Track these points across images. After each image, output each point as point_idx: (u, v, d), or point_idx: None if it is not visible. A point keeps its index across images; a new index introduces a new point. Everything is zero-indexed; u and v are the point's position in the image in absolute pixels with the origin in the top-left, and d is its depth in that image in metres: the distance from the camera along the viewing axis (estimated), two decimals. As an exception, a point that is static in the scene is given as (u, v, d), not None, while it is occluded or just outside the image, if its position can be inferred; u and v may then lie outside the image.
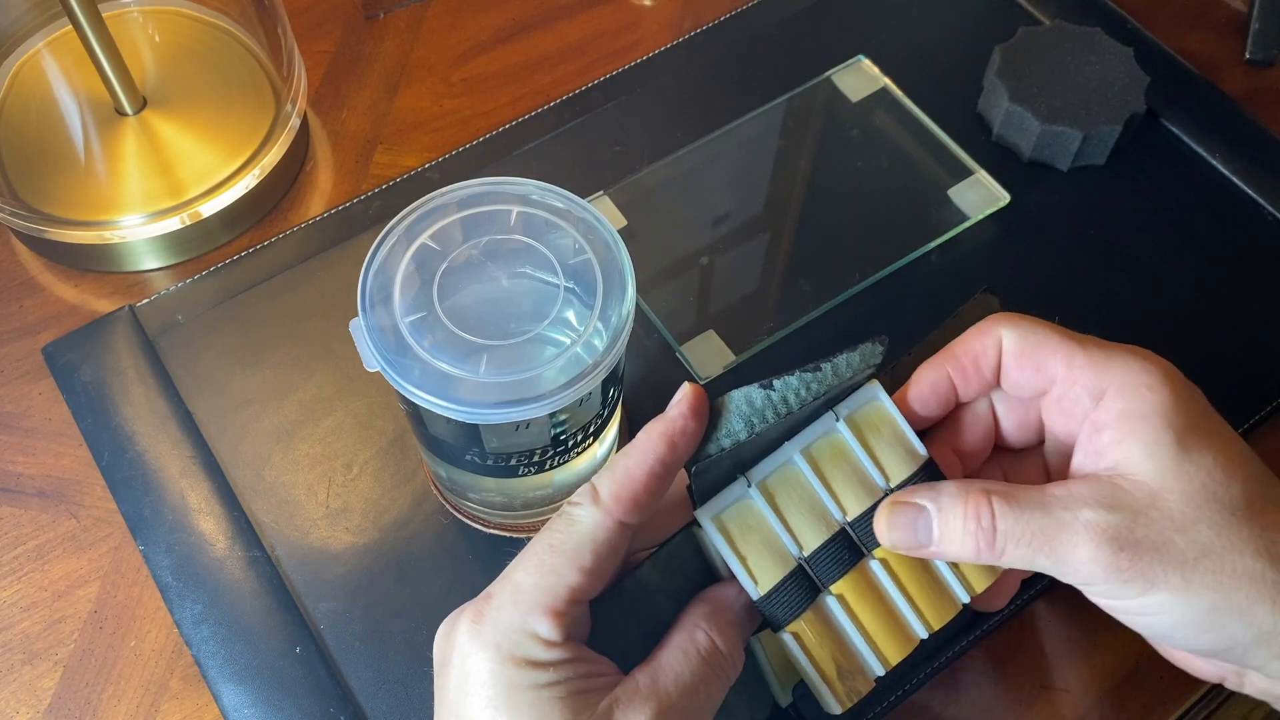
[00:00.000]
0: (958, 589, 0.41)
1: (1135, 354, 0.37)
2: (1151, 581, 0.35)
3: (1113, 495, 0.35)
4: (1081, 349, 0.38)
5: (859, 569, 0.40)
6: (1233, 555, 0.35)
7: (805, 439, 0.41)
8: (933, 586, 0.41)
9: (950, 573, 0.40)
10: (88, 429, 0.50)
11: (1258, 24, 0.63)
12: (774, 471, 0.41)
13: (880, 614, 0.40)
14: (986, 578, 0.40)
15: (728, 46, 0.62)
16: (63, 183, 0.55)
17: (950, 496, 0.37)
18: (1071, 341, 0.38)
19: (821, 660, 0.39)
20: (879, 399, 0.42)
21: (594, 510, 0.36)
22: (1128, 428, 0.36)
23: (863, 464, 0.41)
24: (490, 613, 0.35)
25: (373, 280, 0.40)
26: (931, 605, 0.40)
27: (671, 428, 0.38)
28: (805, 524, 0.40)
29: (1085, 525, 0.35)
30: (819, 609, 0.40)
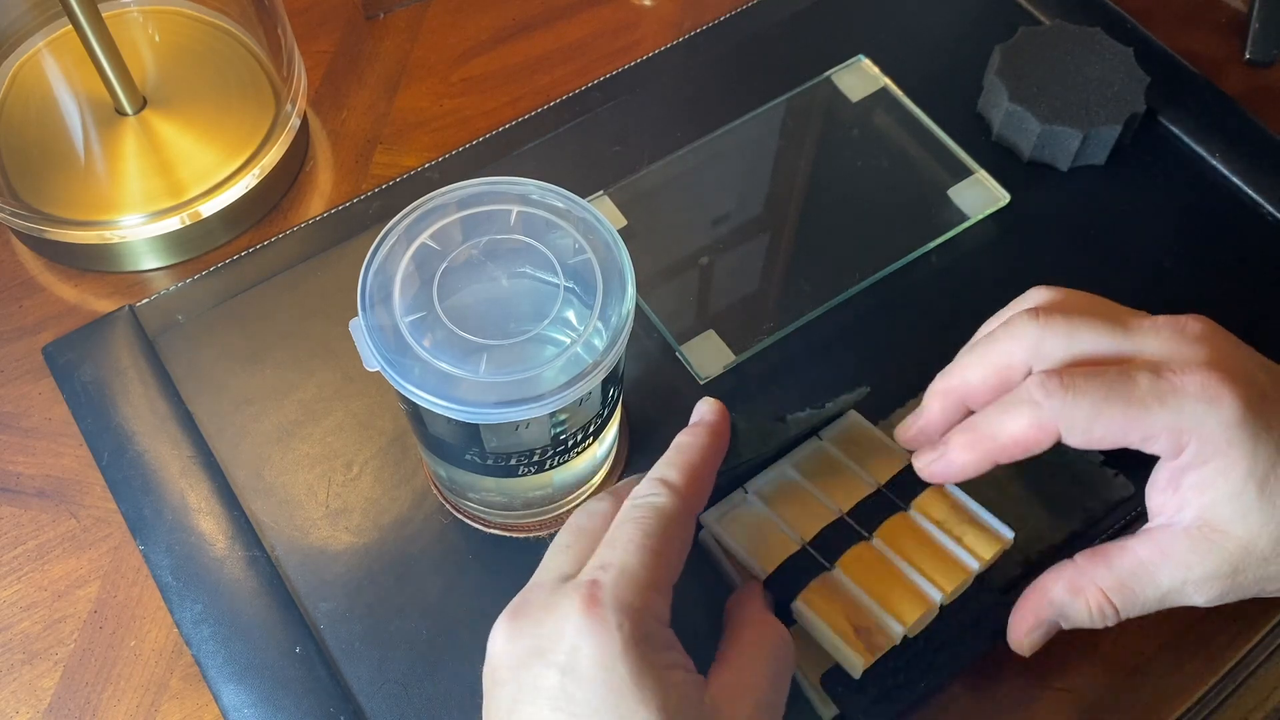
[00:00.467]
0: (966, 558, 0.43)
1: (1207, 386, 0.37)
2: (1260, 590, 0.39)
3: (1211, 553, 0.37)
4: (1145, 409, 0.37)
5: (861, 546, 0.44)
6: None
7: (795, 456, 0.46)
8: (938, 556, 0.43)
9: (955, 545, 0.42)
10: (88, 429, 0.50)
11: (1258, 24, 0.63)
12: (770, 482, 0.45)
13: (888, 581, 0.42)
14: (992, 545, 0.42)
15: (728, 46, 0.62)
16: (63, 183, 0.55)
17: (1068, 602, 0.41)
18: (1134, 404, 0.37)
19: (834, 620, 0.41)
20: (859, 421, 0.47)
21: (674, 498, 0.37)
22: (1211, 480, 0.37)
23: (851, 468, 0.46)
24: (609, 598, 0.34)
25: (373, 280, 0.40)
26: (940, 571, 0.43)
27: (718, 426, 0.40)
28: (804, 518, 0.44)
29: (1196, 590, 0.38)
30: (826, 580, 0.43)
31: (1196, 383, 0.36)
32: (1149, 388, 0.37)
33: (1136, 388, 0.37)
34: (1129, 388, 0.37)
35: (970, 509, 0.44)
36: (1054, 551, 0.47)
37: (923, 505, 0.45)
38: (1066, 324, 0.39)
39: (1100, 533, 0.48)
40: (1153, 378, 0.37)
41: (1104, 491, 0.48)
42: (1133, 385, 0.37)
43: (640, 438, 0.50)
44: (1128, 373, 0.37)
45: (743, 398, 0.51)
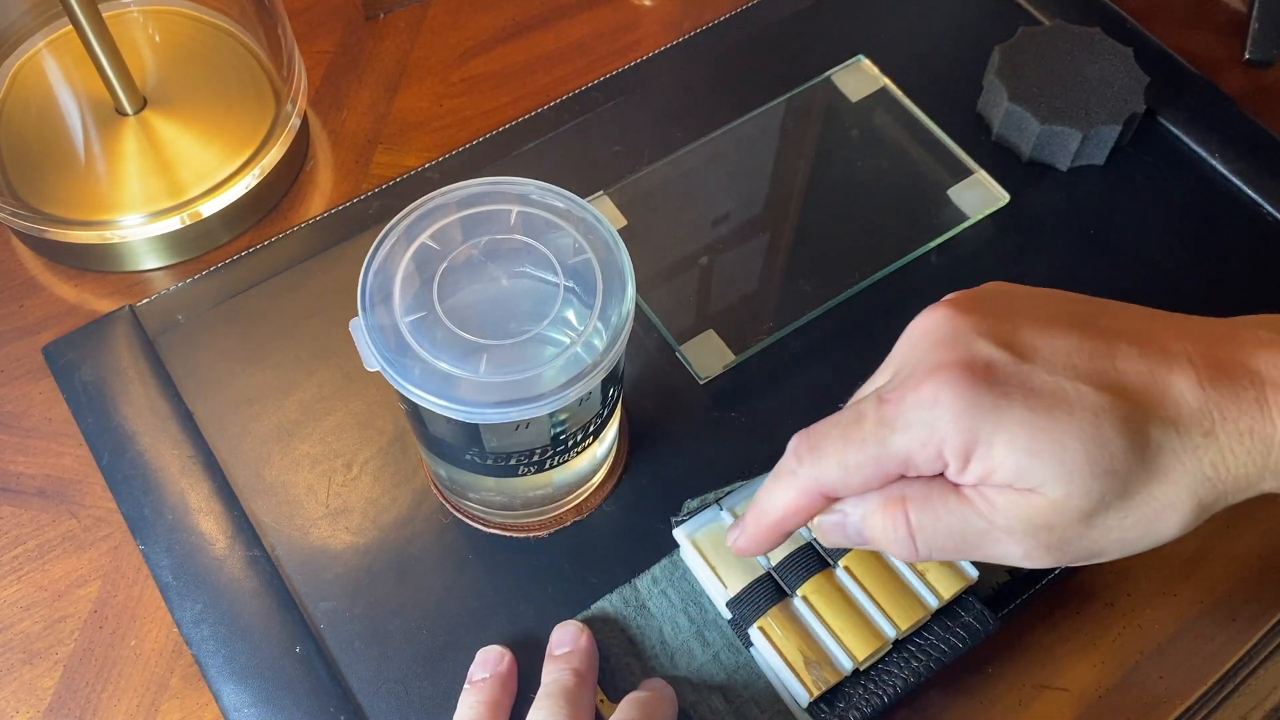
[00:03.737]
0: (926, 595, 0.44)
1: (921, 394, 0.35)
2: (1094, 554, 0.36)
3: (1018, 504, 0.35)
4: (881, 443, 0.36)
5: (824, 575, 0.44)
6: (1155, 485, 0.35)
7: None
8: (899, 591, 0.44)
9: (918, 580, 0.43)
10: (88, 429, 0.50)
11: (1257, 24, 0.63)
12: (745, 500, 0.46)
13: (846, 614, 0.43)
14: (955, 584, 0.43)
15: (728, 46, 0.62)
16: (63, 183, 0.55)
17: (872, 505, 0.37)
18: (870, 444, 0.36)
19: (787, 651, 0.43)
20: None
21: None
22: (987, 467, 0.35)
23: None
24: None
25: (373, 280, 0.40)
26: (898, 607, 0.43)
27: None
28: None
29: (1007, 538, 0.36)
30: (786, 608, 0.44)
31: (913, 396, 0.35)
32: (874, 418, 0.36)
33: (864, 426, 0.36)
34: (859, 429, 0.36)
35: None
36: None
37: None
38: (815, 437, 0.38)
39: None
40: (876, 407, 0.36)
41: None
42: (862, 424, 0.36)
43: (640, 438, 0.50)
44: (858, 411, 0.37)
45: (743, 398, 0.51)
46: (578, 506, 0.48)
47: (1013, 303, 0.37)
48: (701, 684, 0.44)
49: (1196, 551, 0.48)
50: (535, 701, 0.41)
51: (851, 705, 0.42)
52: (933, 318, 0.37)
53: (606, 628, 0.45)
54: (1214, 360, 0.35)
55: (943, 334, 0.36)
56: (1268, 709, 0.46)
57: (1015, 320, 0.36)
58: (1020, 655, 0.46)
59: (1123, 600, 0.47)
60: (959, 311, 0.36)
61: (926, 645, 0.44)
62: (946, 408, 0.34)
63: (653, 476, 0.49)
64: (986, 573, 0.46)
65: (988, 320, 0.36)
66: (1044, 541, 0.36)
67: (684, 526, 0.46)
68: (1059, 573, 0.47)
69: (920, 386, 0.35)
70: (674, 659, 0.45)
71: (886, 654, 0.43)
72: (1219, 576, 0.48)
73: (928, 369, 0.35)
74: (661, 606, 0.46)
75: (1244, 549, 0.48)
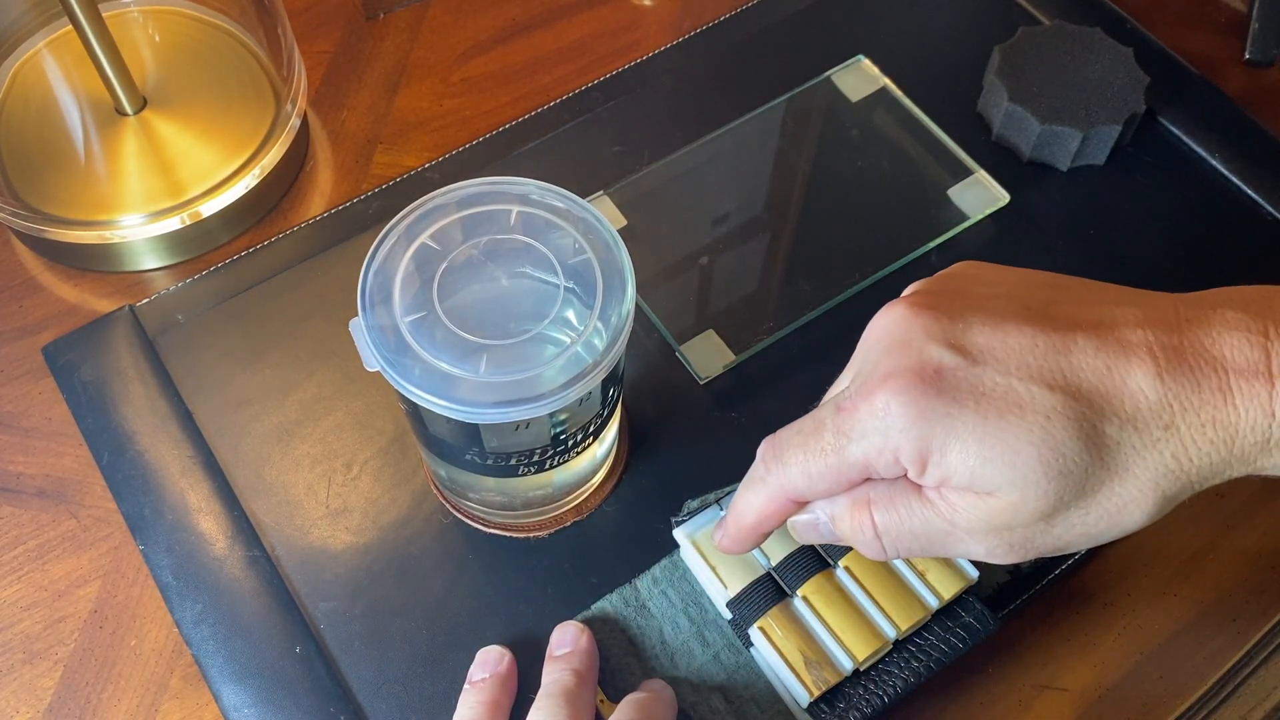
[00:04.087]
0: (926, 595, 0.44)
1: (874, 404, 0.35)
2: (1058, 549, 0.36)
3: (977, 506, 0.35)
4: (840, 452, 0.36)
5: (824, 575, 0.44)
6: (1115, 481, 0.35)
7: None
8: (899, 591, 0.44)
9: (918, 580, 0.43)
10: (88, 429, 0.50)
11: (1258, 24, 0.63)
12: None
13: (846, 614, 0.43)
14: (955, 584, 0.43)
15: (728, 46, 0.62)
16: (63, 183, 0.55)
17: (840, 508, 0.38)
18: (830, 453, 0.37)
19: (788, 651, 0.43)
20: None
21: None
22: (944, 471, 0.35)
23: None
24: None
25: (373, 280, 0.40)
26: (898, 608, 0.43)
27: None
28: (773, 540, 0.45)
29: (969, 537, 0.36)
30: (786, 609, 0.44)
31: (865, 405, 0.35)
32: (832, 428, 0.36)
33: (823, 435, 0.36)
34: (819, 439, 0.37)
35: None
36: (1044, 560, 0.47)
37: None
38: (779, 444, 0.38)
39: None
40: (833, 416, 0.36)
41: None
42: (821, 433, 0.37)
43: (640, 438, 0.50)
44: (818, 420, 0.37)
45: (743, 398, 0.51)
46: (578, 506, 0.48)
47: (969, 296, 0.37)
48: (701, 684, 0.44)
49: (1196, 551, 0.48)
50: (535, 702, 0.41)
51: (852, 705, 0.42)
52: (888, 318, 0.37)
53: (607, 628, 0.45)
54: (1175, 348, 0.34)
55: (896, 337, 0.36)
56: (1268, 709, 0.46)
57: (969, 318, 0.36)
58: (1020, 655, 0.46)
59: (1123, 600, 0.47)
60: (914, 311, 0.36)
61: (926, 645, 0.44)
62: (898, 417, 0.34)
63: (653, 476, 0.49)
64: (986, 573, 0.46)
65: (941, 320, 0.36)
66: (1006, 541, 0.36)
67: (684, 526, 0.46)
68: (1059, 573, 0.47)
69: (873, 395, 0.35)
70: (674, 659, 0.45)
71: (887, 654, 0.43)
72: (1219, 576, 0.48)
73: (880, 376, 0.35)
74: (662, 607, 0.46)
75: (1244, 549, 0.48)
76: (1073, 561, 0.47)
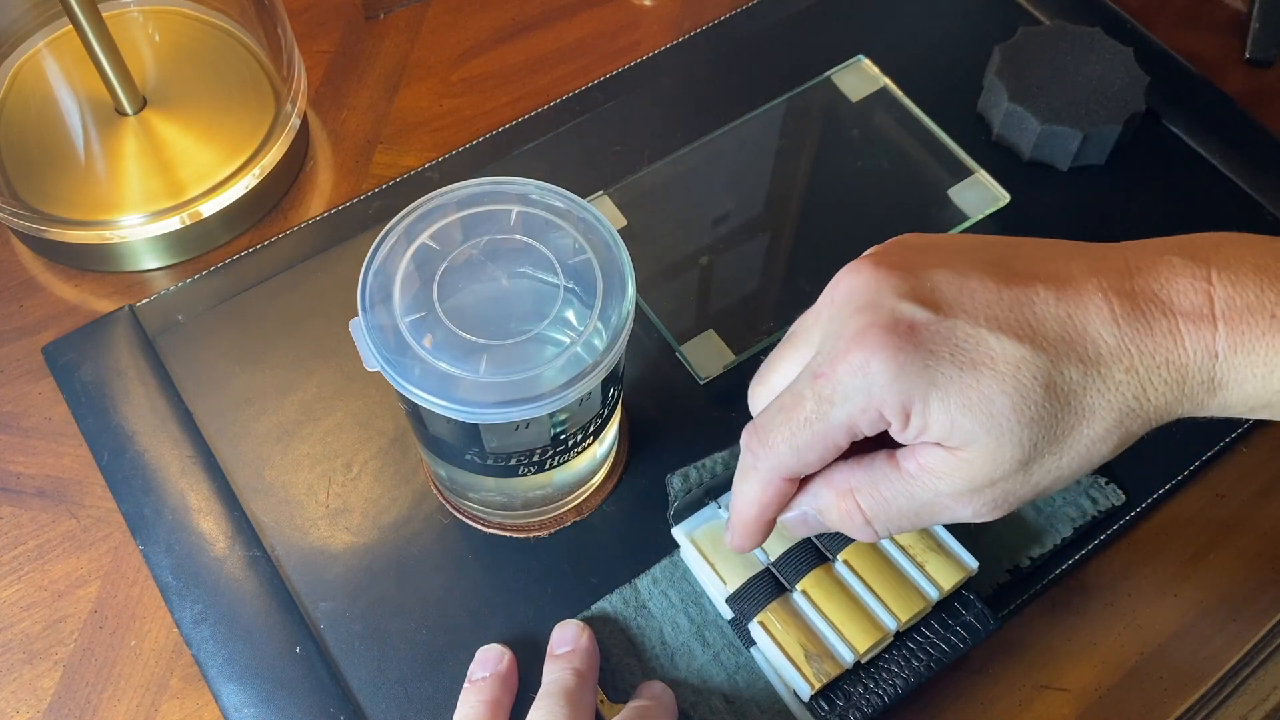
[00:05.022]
0: (926, 586, 0.44)
1: (852, 364, 0.35)
2: (1038, 494, 0.37)
3: (959, 468, 0.36)
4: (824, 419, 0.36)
5: (824, 568, 0.44)
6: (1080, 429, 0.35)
7: None
8: (899, 583, 0.44)
9: (917, 571, 0.43)
10: (88, 429, 0.50)
11: (1258, 24, 0.63)
12: None
13: (846, 606, 0.43)
14: (954, 575, 0.43)
15: (728, 46, 0.62)
16: (63, 183, 0.55)
17: (826, 499, 0.39)
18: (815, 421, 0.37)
19: (788, 645, 0.43)
20: None
21: None
22: (926, 423, 0.36)
23: None
24: None
25: (373, 280, 0.40)
26: (897, 599, 0.43)
27: None
28: (771, 536, 0.43)
29: (956, 503, 0.37)
30: (786, 603, 0.44)
31: (844, 366, 0.36)
32: (812, 397, 0.36)
33: (804, 406, 0.37)
34: (800, 410, 0.37)
35: (938, 535, 0.45)
36: (1044, 560, 0.47)
37: None
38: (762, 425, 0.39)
39: (1089, 542, 0.48)
40: (811, 384, 0.36)
41: (1096, 499, 0.48)
42: (801, 404, 0.37)
43: (640, 438, 0.50)
44: (796, 392, 0.37)
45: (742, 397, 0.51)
46: (578, 506, 0.48)
47: (929, 254, 0.37)
48: (702, 684, 0.44)
49: (1196, 551, 0.48)
50: (536, 701, 0.41)
51: (852, 705, 0.42)
52: (854, 279, 0.37)
53: (607, 628, 0.45)
54: (1128, 293, 0.35)
55: (865, 296, 0.36)
56: (1268, 709, 0.46)
57: (933, 273, 0.36)
58: (1020, 655, 0.46)
59: (1123, 600, 0.47)
60: (879, 270, 0.36)
61: (927, 644, 0.44)
62: (878, 374, 0.35)
63: (653, 477, 0.49)
64: (986, 568, 0.46)
65: (907, 278, 0.36)
66: (989, 498, 0.36)
67: (683, 525, 0.46)
68: (1059, 573, 0.47)
69: (850, 354, 0.35)
70: (674, 659, 0.45)
71: (887, 651, 0.43)
72: (1219, 576, 0.48)
73: (853, 334, 0.35)
74: (662, 607, 0.46)
75: (1244, 549, 0.48)
76: (1073, 561, 0.47)
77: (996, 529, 0.47)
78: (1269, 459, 0.50)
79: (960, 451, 0.35)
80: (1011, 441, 0.35)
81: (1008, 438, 0.35)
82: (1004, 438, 0.35)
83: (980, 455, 0.35)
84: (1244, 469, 0.50)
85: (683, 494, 0.46)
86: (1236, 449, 0.51)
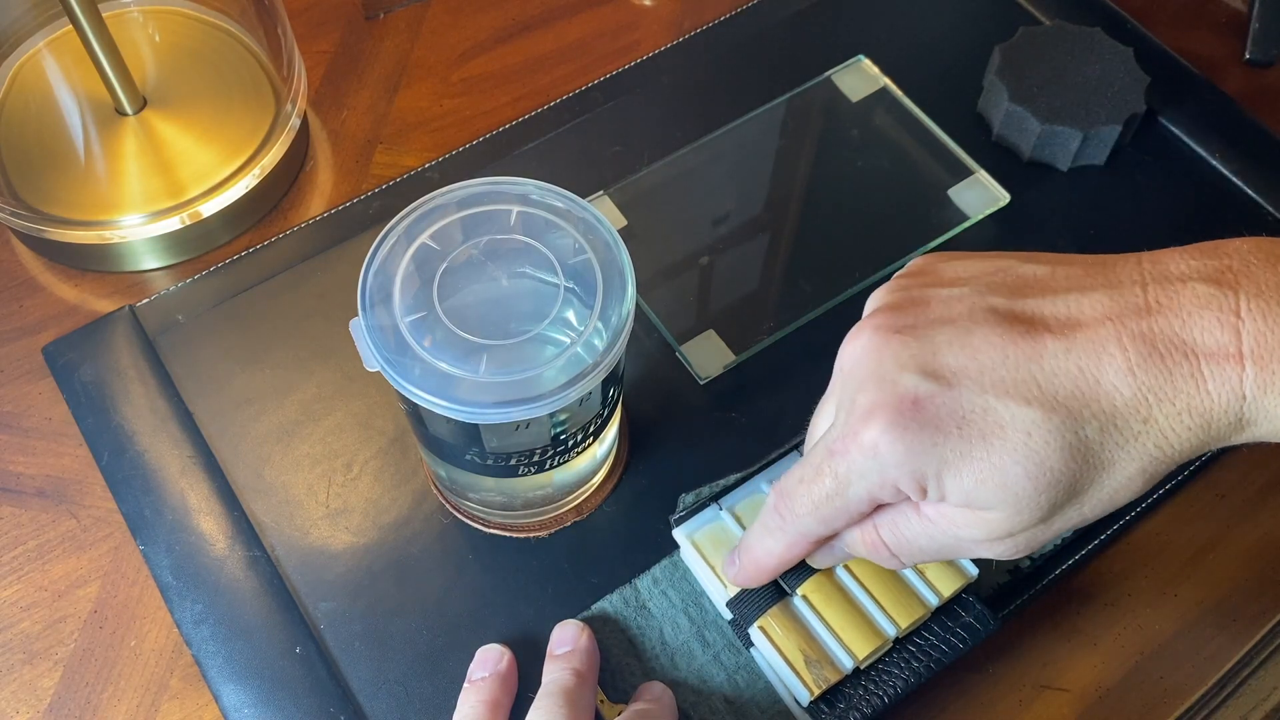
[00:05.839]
0: (926, 593, 0.44)
1: (863, 444, 0.36)
2: (1061, 535, 0.38)
3: (980, 525, 0.36)
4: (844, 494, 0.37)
5: (824, 574, 0.44)
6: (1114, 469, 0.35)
7: (773, 473, 0.47)
8: (899, 590, 0.44)
9: (917, 578, 0.43)
10: (88, 429, 0.50)
11: (1258, 24, 0.63)
12: (744, 499, 0.46)
13: (846, 612, 0.43)
14: (954, 582, 0.43)
15: (728, 46, 0.62)
16: (63, 183, 0.55)
17: (852, 536, 0.40)
18: (835, 496, 0.38)
19: (788, 650, 0.43)
20: None
21: None
22: (943, 494, 0.36)
23: None
24: None
25: (373, 280, 0.40)
26: (898, 606, 0.43)
27: None
28: None
29: (976, 548, 0.37)
30: (786, 608, 0.44)
31: (854, 446, 0.36)
32: (830, 474, 0.37)
33: (824, 482, 0.37)
34: (821, 485, 0.37)
35: None
36: (1044, 560, 0.47)
37: None
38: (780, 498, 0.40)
39: (1089, 542, 0.48)
40: (828, 461, 0.37)
41: None
42: (821, 479, 0.37)
43: (640, 438, 0.50)
44: (816, 466, 0.38)
45: (743, 398, 0.51)
46: (578, 506, 0.48)
47: (931, 305, 0.37)
48: (702, 685, 0.44)
49: (1196, 551, 0.48)
50: (535, 701, 0.41)
51: (852, 706, 0.42)
52: (857, 347, 0.37)
53: (607, 628, 0.45)
54: (1145, 336, 0.34)
55: (869, 369, 0.36)
56: (1268, 709, 0.46)
57: (937, 334, 0.35)
58: (1020, 655, 0.46)
59: (1123, 600, 0.47)
60: (881, 338, 0.36)
61: (927, 645, 0.44)
62: (887, 454, 0.35)
63: (653, 477, 0.49)
64: (986, 572, 0.46)
65: (909, 344, 0.36)
66: (1011, 545, 0.37)
67: (684, 527, 0.46)
68: (1059, 573, 0.47)
69: (859, 436, 0.35)
70: (674, 659, 0.45)
71: (887, 653, 0.43)
72: (1219, 576, 0.48)
73: (861, 415, 0.36)
74: (662, 607, 0.46)
75: (1244, 549, 0.48)
76: (1073, 561, 0.47)
77: None
78: (1269, 459, 0.50)
79: (980, 513, 0.36)
80: (1030, 506, 0.35)
81: (1026, 503, 0.35)
82: (1021, 504, 0.35)
83: (999, 517, 0.35)
84: (1244, 469, 0.50)
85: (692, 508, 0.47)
86: (1237, 449, 0.51)
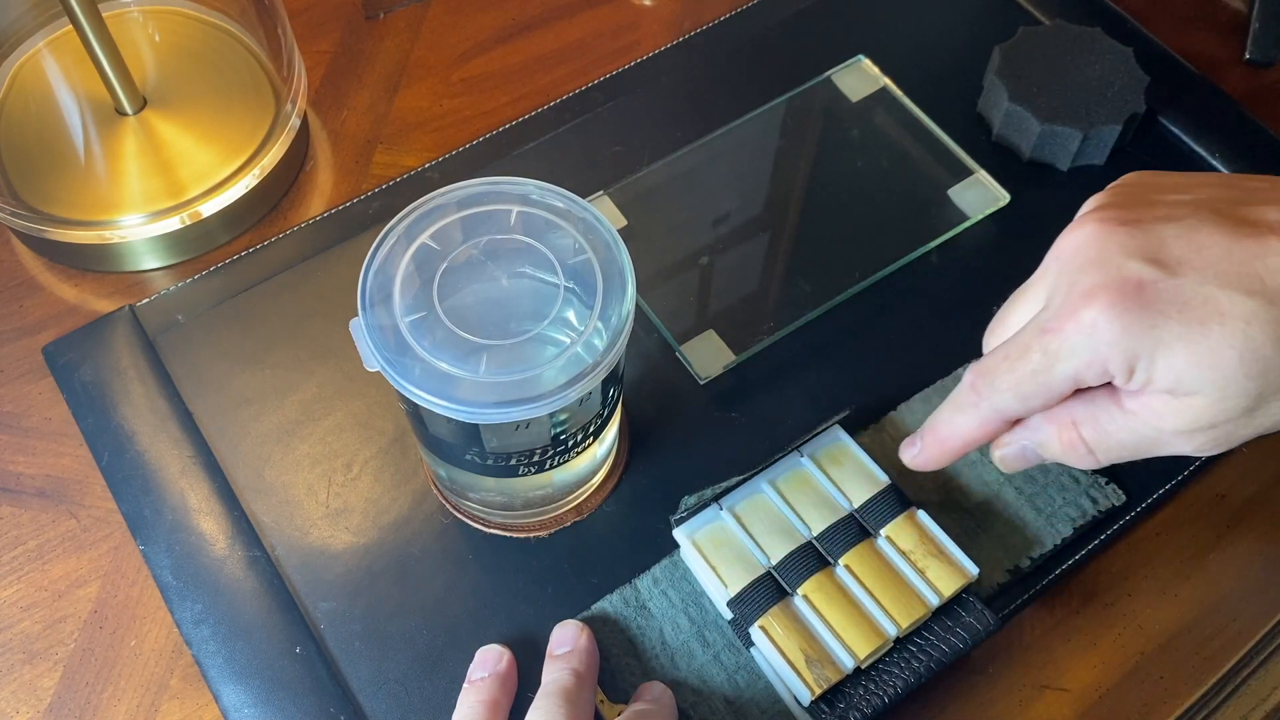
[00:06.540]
0: (926, 593, 0.44)
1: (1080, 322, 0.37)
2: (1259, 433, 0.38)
3: (1184, 412, 0.37)
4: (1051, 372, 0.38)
5: (825, 573, 0.45)
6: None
7: (774, 473, 0.47)
8: (900, 589, 0.44)
9: (918, 578, 0.43)
10: (88, 429, 0.50)
11: (1258, 24, 0.63)
12: (745, 499, 0.46)
13: (847, 612, 0.44)
14: (955, 582, 0.43)
15: (728, 46, 0.62)
16: (63, 183, 0.55)
17: (1047, 433, 0.40)
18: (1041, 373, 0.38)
19: (789, 650, 0.43)
20: (840, 438, 0.48)
21: None
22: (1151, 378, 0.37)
23: (826, 489, 0.47)
24: None
25: (373, 280, 0.40)
26: (898, 605, 0.44)
27: None
28: (773, 539, 0.45)
29: (1175, 439, 0.38)
30: (787, 607, 0.44)
31: (1071, 324, 0.37)
32: (1039, 350, 0.38)
33: (1031, 358, 0.38)
34: (1027, 361, 0.38)
35: (939, 541, 0.45)
36: (1044, 560, 0.47)
37: (892, 533, 0.45)
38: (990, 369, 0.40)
39: (1091, 540, 0.48)
40: (1039, 338, 0.38)
41: (1096, 499, 0.48)
42: (1028, 356, 0.38)
43: (640, 438, 0.50)
44: (1023, 344, 0.38)
45: (743, 398, 0.51)
46: (578, 506, 0.48)
47: (1156, 205, 0.38)
48: (702, 684, 0.44)
49: (1196, 551, 0.48)
50: (535, 701, 0.41)
51: (852, 705, 0.42)
52: (1081, 235, 0.38)
53: (607, 628, 0.45)
54: None
55: (1092, 254, 0.37)
56: (1268, 709, 0.46)
57: (1161, 228, 0.37)
58: (1020, 655, 0.46)
59: (1123, 600, 0.47)
60: (1107, 228, 0.37)
61: (927, 645, 0.44)
62: (1105, 332, 0.36)
63: (653, 476, 0.49)
64: (986, 572, 0.46)
65: (1134, 234, 0.37)
66: (1211, 437, 0.38)
67: (684, 526, 0.46)
68: (1059, 572, 0.47)
69: (1079, 314, 0.37)
70: (674, 659, 0.45)
71: (887, 653, 0.43)
72: (1219, 576, 0.48)
73: (1082, 294, 0.37)
74: (662, 607, 0.46)
75: (1244, 549, 0.48)
76: (1073, 561, 0.47)
77: (997, 530, 0.47)
78: (1269, 459, 0.50)
79: (1185, 399, 0.36)
80: (1237, 392, 0.36)
81: (1233, 389, 0.36)
82: (1229, 389, 0.36)
83: (1204, 403, 0.36)
84: (1244, 469, 0.50)
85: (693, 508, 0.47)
86: (1237, 449, 0.51)
